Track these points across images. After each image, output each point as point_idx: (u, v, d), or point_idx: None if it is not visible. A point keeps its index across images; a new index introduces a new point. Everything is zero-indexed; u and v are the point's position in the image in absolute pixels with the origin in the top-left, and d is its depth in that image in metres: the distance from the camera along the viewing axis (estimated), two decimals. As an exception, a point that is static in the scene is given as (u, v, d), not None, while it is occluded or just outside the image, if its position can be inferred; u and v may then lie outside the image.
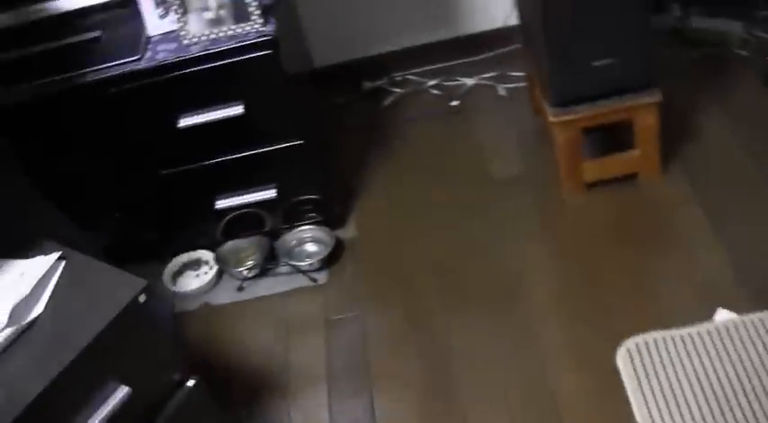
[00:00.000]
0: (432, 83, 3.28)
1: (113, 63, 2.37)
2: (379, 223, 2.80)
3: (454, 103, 3.16)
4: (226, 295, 2.71)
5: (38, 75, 2.40)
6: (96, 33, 2.49)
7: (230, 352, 2.53)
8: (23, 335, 1.81)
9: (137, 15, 2.44)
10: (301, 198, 2.67)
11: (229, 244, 2.76)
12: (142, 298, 1.84)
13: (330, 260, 2.69)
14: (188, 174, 2.57)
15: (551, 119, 2.52)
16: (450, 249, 2.65)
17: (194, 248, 2.80)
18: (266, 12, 2.36)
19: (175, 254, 2.80)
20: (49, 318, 1.84)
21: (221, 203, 2.63)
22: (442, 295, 2.51)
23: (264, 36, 2.32)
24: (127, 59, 2.36)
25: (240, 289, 2.70)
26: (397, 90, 3.31)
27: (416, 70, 3.35)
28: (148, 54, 2.38)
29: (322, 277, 2.67)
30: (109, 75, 2.36)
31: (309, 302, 2.61)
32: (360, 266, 2.68)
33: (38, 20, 2.54)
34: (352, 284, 2.63)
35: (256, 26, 2.32)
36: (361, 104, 3.31)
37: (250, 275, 2.71)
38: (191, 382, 2.00)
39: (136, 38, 2.43)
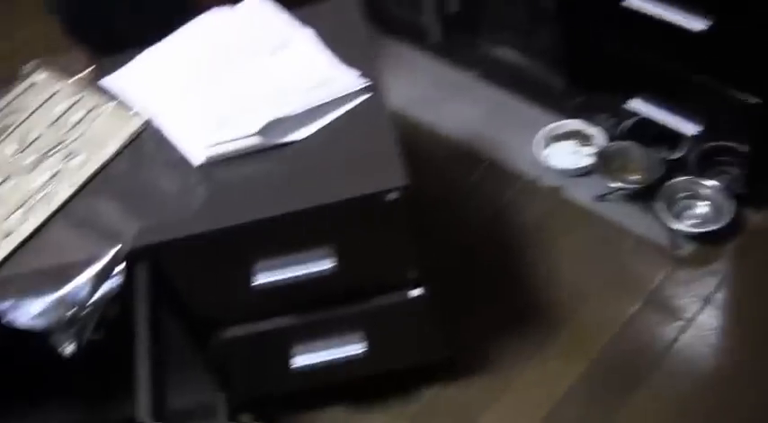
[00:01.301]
0: None
1: None
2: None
3: None
4: (584, 193, 2.25)
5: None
6: None
7: (530, 261, 2.13)
8: (262, 153, 1.57)
9: None
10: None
11: (626, 144, 2.24)
12: (392, 195, 1.50)
13: (712, 237, 2.09)
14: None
15: None
16: None
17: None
18: None
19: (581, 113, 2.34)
20: (301, 151, 1.57)
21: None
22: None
23: None
24: None
25: (602, 198, 2.22)
26: None
27: None
28: None
29: (688, 249, 2.09)
30: None
31: (649, 265, 2.07)
32: (742, 273, 2.04)
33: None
34: (715, 281, 2.02)
35: None
36: None
37: (620, 192, 2.20)
38: (416, 291, 1.70)
39: None
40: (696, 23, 1.78)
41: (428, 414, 1.93)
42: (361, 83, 1.62)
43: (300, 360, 1.76)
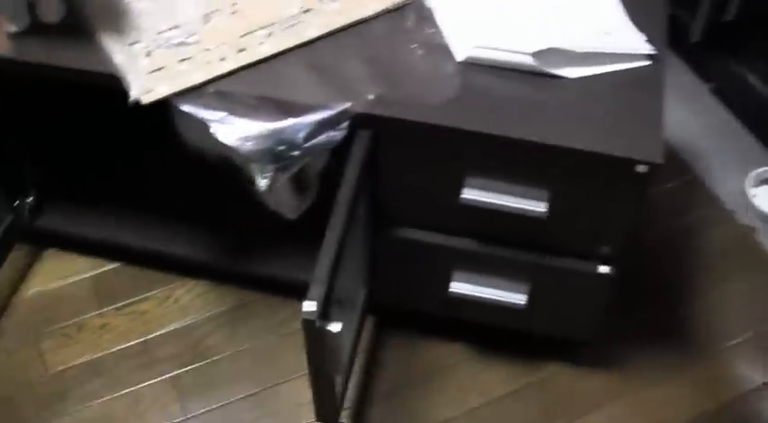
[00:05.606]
0: None
1: None
2: None
3: None
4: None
5: None
6: None
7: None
8: (525, 75, 1.50)
9: None
10: None
11: None
12: (641, 168, 1.43)
13: None
14: None
15: None
16: None
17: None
18: None
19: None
20: (563, 90, 1.51)
21: None
22: None
23: None
24: None
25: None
26: None
27: None
28: None
29: None
30: None
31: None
32: None
33: None
34: None
35: None
36: None
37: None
38: (604, 268, 1.63)
39: None
40: None
41: (539, 388, 1.89)
42: (647, 48, 1.54)
43: (459, 286, 1.71)
